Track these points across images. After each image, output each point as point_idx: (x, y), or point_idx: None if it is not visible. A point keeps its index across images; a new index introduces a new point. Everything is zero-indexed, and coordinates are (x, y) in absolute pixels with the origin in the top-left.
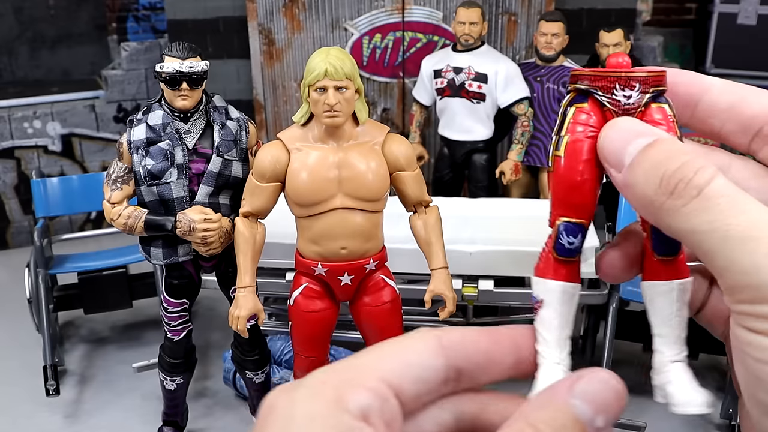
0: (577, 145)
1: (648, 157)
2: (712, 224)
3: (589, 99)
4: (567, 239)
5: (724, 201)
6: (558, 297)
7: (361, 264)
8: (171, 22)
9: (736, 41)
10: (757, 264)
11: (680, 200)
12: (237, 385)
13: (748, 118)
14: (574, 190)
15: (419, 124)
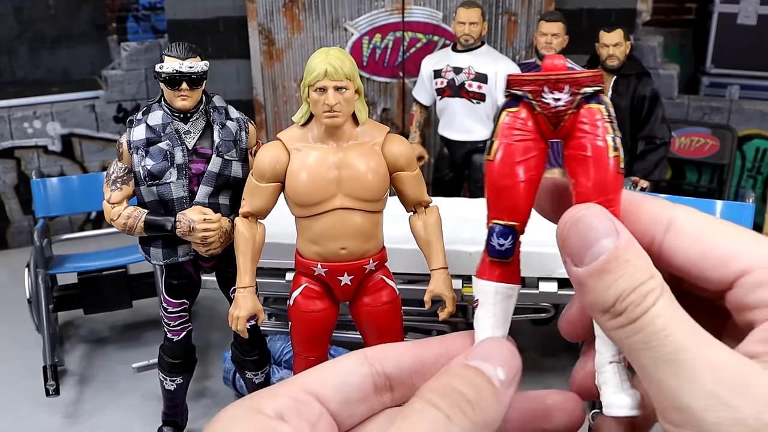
0: (506, 150)
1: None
2: (646, 345)
3: (521, 103)
4: (498, 241)
5: (660, 322)
6: (491, 297)
7: (360, 264)
8: (171, 22)
9: (736, 41)
10: (680, 387)
11: (625, 319)
12: (237, 385)
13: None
14: (504, 193)
15: (419, 124)
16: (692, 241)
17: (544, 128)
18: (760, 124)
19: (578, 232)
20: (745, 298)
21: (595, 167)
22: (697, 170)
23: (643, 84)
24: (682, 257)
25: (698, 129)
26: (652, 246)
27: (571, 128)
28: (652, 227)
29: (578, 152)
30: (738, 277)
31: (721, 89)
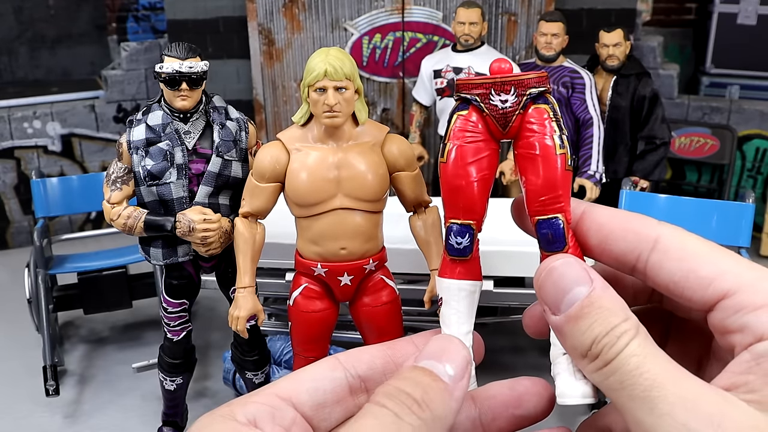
0: (459, 151)
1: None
2: (621, 384)
3: (470, 106)
4: (455, 240)
5: (633, 361)
6: (454, 294)
7: (360, 264)
8: (171, 22)
9: (736, 41)
10: (655, 424)
11: (601, 362)
12: (237, 385)
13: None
14: (458, 193)
15: (419, 125)
16: (676, 261)
17: (494, 129)
18: (760, 124)
19: (552, 282)
20: (725, 321)
21: (543, 165)
22: (697, 170)
23: (643, 84)
24: (666, 277)
25: (698, 129)
26: (637, 263)
27: (520, 128)
28: (638, 245)
29: (527, 151)
30: (719, 299)
31: (721, 89)
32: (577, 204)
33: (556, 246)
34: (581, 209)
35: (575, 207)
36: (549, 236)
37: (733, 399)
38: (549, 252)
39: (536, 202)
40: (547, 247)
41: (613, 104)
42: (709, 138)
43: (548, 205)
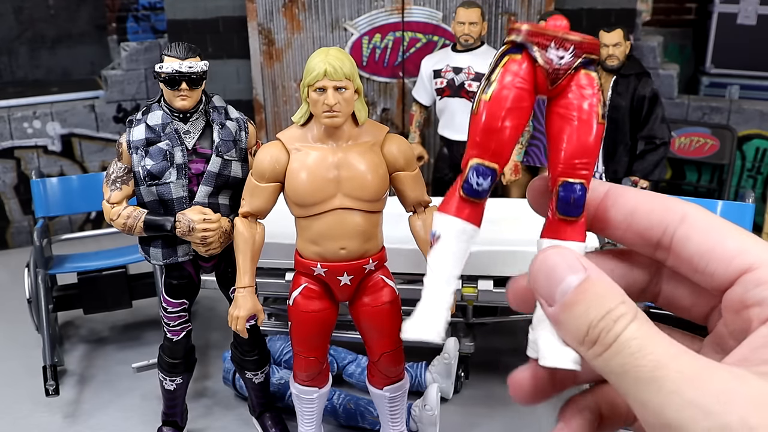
0: (503, 93)
1: (579, 300)
2: (624, 367)
3: (523, 52)
4: (476, 180)
5: (635, 344)
6: (455, 234)
7: (360, 264)
8: (171, 22)
9: (736, 41)
10: (662, 403)
11: (600, 347)
12: (237, 385)
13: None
14: (493, 134)
15: (419, 124)
16: (704, 234)
17: (541, 82)
18: (760, 124)
19: (545, 273)
20: (744, 294)
21: (585, 129)
22: (697, 170)
23: (643, 84)
24: (693, 249)
25: (698, 129)
26: (663, 237)
27: (565, 88)
28: (666, 218)
29: (569, 111)
30: (741, 273)
31: (721, 89)
32: (599, 183)
33: (574, 212)
34: (605, 188)
35: (598, 186)
36: (571, 200)
37: (742, 374)
38: (563, 217)
39: (567, 163)
40: (564, 211)
41: (613, 104)
42: (709, 138)
43: (578, 170)
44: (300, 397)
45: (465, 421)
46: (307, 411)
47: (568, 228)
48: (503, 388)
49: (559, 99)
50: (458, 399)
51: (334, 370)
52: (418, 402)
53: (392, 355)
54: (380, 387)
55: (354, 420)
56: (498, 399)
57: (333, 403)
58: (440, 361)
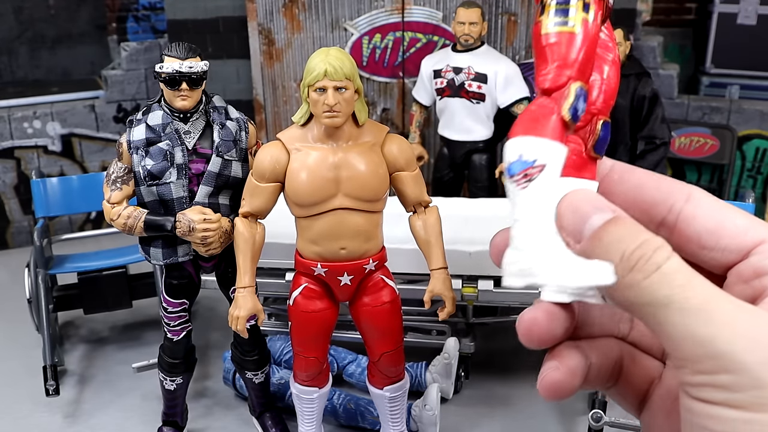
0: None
1: (609, 232)
2: (670, 297)
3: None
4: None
5: (681, 277)
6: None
7: (360, 264)
8: (171, 22)
9: (736, 41)
10: (713, 334)
11: (640, 274)
12: (237, 385)
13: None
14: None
15: (419, 124)
16: (711, 211)
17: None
18: (760, 124)
19: (573, 209)
20: (760, 263)
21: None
22: (697, 170)
23: (643, 84)
24: (700, 225)
25: (698, 129)
26: (669, 213)
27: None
28: (672, 195)
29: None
30: (756, 244)
31: (721, 89)
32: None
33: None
34: (610, 162)
35: (604, 161)
36: (607, 138)
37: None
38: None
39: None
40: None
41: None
42: (709, 138)
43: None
44: (300, 397)
45: (465, 421)
46: (307, 411)
47: (593, 167)
48: (503, 388)
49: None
50: (458, 399)
51: (335, 370)
52: (418, 402)
53: (392, 355)
54: (380, 387)
55: (354, 420)
56: (498, 399)
57: (333, 403)
58: (440, 361)
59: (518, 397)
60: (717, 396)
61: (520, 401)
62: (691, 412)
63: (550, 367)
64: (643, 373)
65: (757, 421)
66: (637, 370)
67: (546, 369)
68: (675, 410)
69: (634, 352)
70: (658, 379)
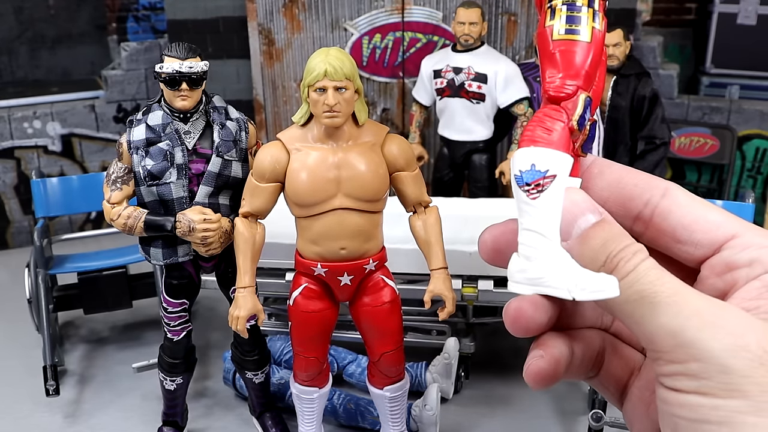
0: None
1: (595, 236)
2: (642, 293)
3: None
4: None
5: (652, 274)
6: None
7: (360, 264)
8: (171, 22)
9: (736, 41)
10: (682, 325)
11: (618, 275)
12: (237, 385)
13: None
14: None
15: (419, 124)
16: (686, 207)
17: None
18: (760, 124)
19: (564, 210)
20: (733, 257)
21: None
22: (697, 170)
23: (643, 84)
24: (675, 220)
25: (698, 129)
26: (646, 207)
27: None
28: (649, 190)
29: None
30: (727, 239)
31: (721, 89)
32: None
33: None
34: (590, 158)
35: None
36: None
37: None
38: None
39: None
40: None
41: (613, 104)
42: (709, 138)
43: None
44: (300, 397)
45: (465, 421)
46: (307, 411)
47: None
48: (503, 388)
49: None
50: (458, 399)
51: (335, 370)
52: (418, 402)
53: (392, 355)
54: (380, 387)
55: (354, 420)
56: (498, 399)
57: (333, 403)
58: (440, 361)
59: (518, 397)
60: (688, 384)
61: (520, 401)
62: (665, 402)
63: (534, 356)
64: (624, 364)
65: (724, 406)
66: (617, 361)
67: (531, 358)
68: (654, 401)
69: (615, 342)
70: (637, 371)
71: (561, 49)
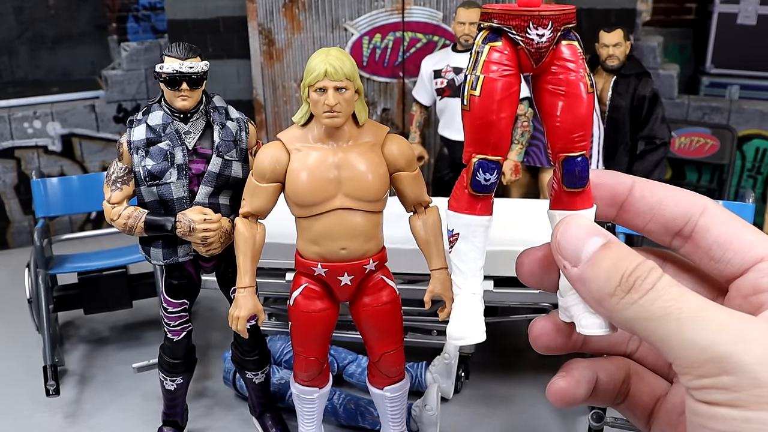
0: (492, 85)
1: (605, 257)
2: (666, 309)
3: (502, 37)
4: (483, 176)
5: (673, 291)
6: (473, 230)
7: (360, 264)
8: (171, 22)
9: (736, 41)
10: (711, 339)
11: (637, 294)
12: (237, 385)
13: (669, 220)
14: (490, 128)
15: (419, 125)
16: (723, 225)
17: (525, 63)
18: (760, 124)
19: (570, 236)
20: (759, 280)
21: (577, 103)
22: (697, 170)
23: (643, 84)
24: (712, 238)
25: (698, 129)
26: (686, 226)
27: (550, 64)
28: (690, 209)
29: (559, 88)
30: (756, 262)
31: (721, 89)
32: (624, 176)
33: (581, 183)
34: (631, 180)
35: (624, 179)
36: (576, 173)
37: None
38: (570, 189)
39: (565, 139)
40: (571, 184)
41: (613, 104)
42: (709, 138)
43: (577, 143)
44: (300, 397)
45: (465, 421)
46: (307, 411)
47: (577, 199)
48: (503, 388)
49: (545, 75)
50: (458, 399)
51: (335, 370)
52: (418, 402)
53: (393, 355)
54: (380, 387)
55: (354, 420)
56: (498, 399)
57: (333, 403)
58: (440, 361)
59: (518, 397)
60: (719, 397)
61: (520, 401)
62: (696, 414)
63: (557, 376)
64: (650, 391)
65: (756, 419)
66: (644, 388)
67: (554, 378)
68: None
69: (641, 370)
70: (663, 397)
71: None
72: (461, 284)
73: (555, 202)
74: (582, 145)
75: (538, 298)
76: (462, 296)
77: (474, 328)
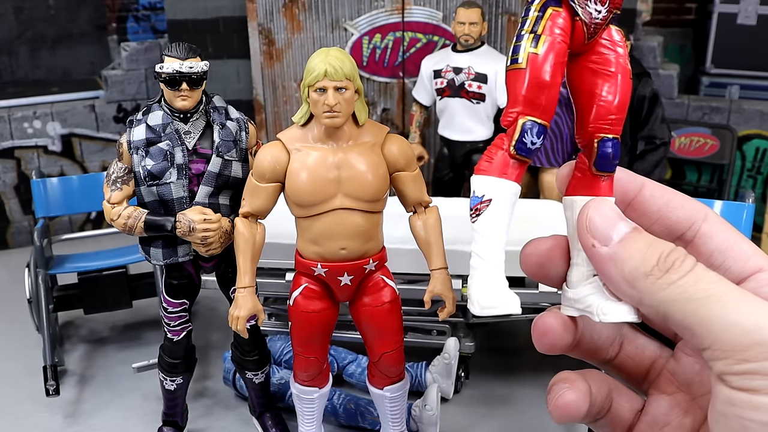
0: (553, 47)
1: (639, 238)
2: (707, 291)
3: (562, 5)
4: (531, 138)
5: (712, 276)
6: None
7: (360, 264)
8: (171, 22)
9: (736, 41)
10: (759, 323)
11: (676, 274)
12: (237, 385)
13: (674, 222)
14: (545, 90)
15: (419, 125)
16: (724, 233)
17: (578, 37)
18: (760, 124)
19: (602, 216)
20: (756, 290)
21: (622, 85)
22: (697, 170)
23: (643, 84)
24: (714, 245)
25: (698, 129)
26: (689, 231)
27: (596, 44)
28: (694, 214)
29: (605, 68)
30: (754, 272)
31: (721, 89)
32: (634, 175)
33: (611, 167)
34: (642, 180)
35: (635, 178)
36: (610, 155)
37: None
38: (600, 173)
39: (604, 119)
40: (603, 167)
41: None
42: (709, 138)
43: (615, 125)
44: (300, 397)
45: (465, 421)
46: (307, 411)
47: (603, 185)
48: (503, 388)
49: (589, 54)
50: (458, 399)
51: (335, 370)
52: (418, 402)
53: (393, 355)
54: (380, 387)
55: (354, 420)
56: (498, 399)
57: (333, 403)
58: (440, 361)
59: (518, 397)
60: (763, 384)
61: (520, 401)
62: (731, 403)
63: (561, 388)
64: (629, 404)
65: None
66: (624, 402)
67: (558, 390)
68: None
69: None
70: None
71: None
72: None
73: (575, 187)
74: (618, 129)
75: (538, 298)
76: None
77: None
